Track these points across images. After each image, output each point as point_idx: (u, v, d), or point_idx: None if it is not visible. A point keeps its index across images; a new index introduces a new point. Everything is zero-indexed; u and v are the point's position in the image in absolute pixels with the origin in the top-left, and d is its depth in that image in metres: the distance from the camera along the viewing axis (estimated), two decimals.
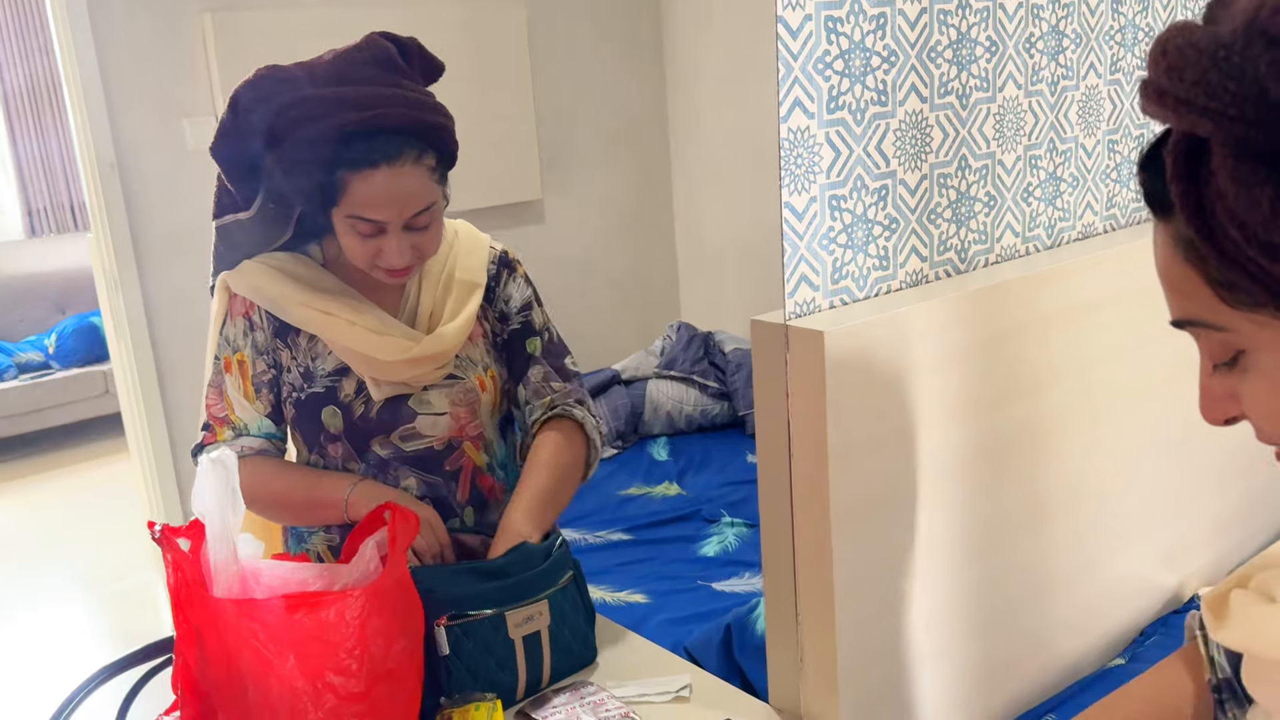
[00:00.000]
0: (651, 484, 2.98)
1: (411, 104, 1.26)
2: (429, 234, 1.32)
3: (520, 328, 1.48)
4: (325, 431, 1.38)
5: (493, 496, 1.47)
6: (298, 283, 1.36)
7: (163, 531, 1.14)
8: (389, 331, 1.36)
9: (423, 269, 1.42)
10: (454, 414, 1.41)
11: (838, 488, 1.15)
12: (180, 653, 1.13)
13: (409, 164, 1.25)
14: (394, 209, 1.26)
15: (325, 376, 1.38)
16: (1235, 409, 0.61)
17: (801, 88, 1.12)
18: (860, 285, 1.24)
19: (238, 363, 1.40)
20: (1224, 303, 0.54)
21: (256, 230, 1.38)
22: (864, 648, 1.22)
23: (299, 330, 1.37)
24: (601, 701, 1.24)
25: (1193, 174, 0.51)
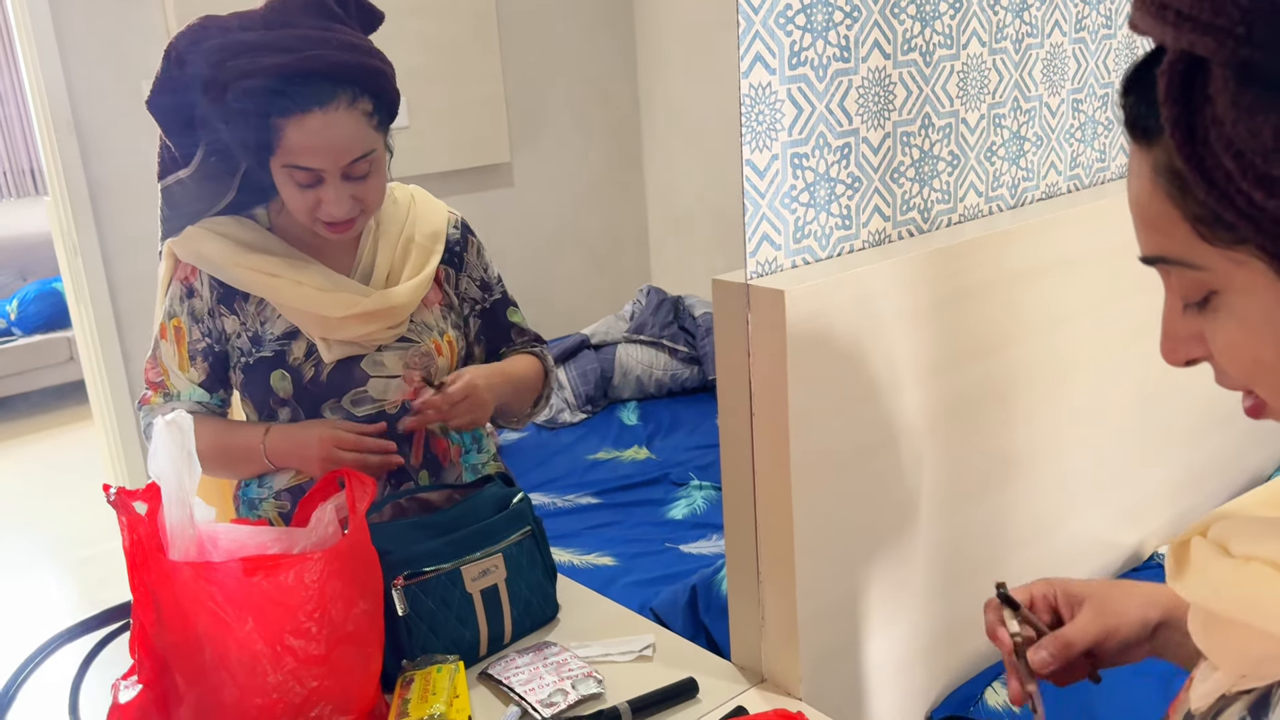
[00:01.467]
0: (621, 448, 2.99)
1: (344, 47, 1.24)
2: (369, 184, 1.29)
3: (501, 298, 1.53)
4: (274, 396, 1.37)
5: (447, 460, 1.47)
6: (242, 246, 1.34)
7: (118, 494, 1.12)
8: (337, 288, 1.34)
9: (379, 231, 1.40)
10: (407, 377, 1.40)
11: (799, 447, 1.15)
12: (137, 616, 1.12)
13: (343, 109, 1.23)
14: (329, 155, 1.24)
15: (274, 340, 1.36)
16: (1199, 351, 0.59)
17: (763, 42, 1.10)
18: (823, 244, 1.23)
19: (174, 329, 1.38)
20: (1202, 239, 0.52)
21: (199, 189, 1.35)
22: (824, 606, 1.23)
23: (247, 295, 1.36)
24: (565, 661, 1.24)
25: (1188, 97, 0.48)
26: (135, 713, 1.09)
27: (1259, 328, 0.53)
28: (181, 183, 1.35)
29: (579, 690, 1.18)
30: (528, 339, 1.57)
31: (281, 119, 1.22)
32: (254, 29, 1.23)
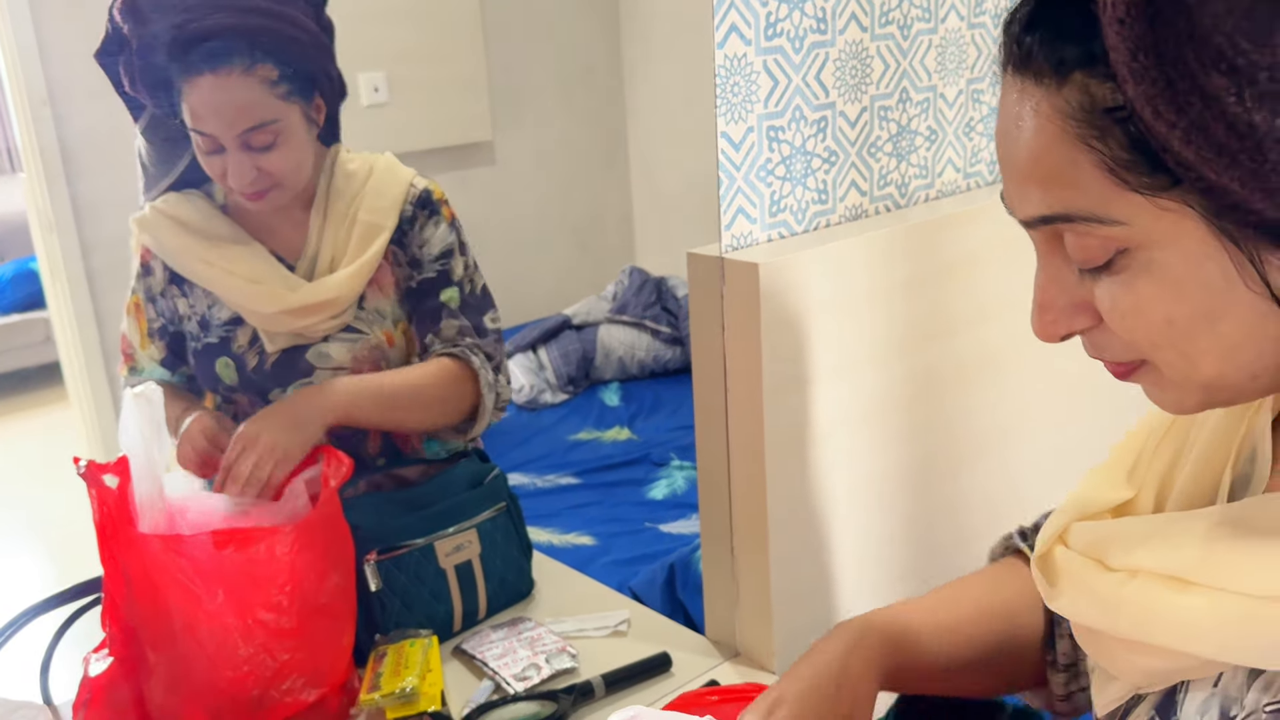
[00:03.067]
0: (602, 429, 2.98)
1: (249, 10, 1.19)
2: (274, 156, 1.23)
3: (435, 276, 1.35)
4: (222, 383, 1.34)
5: (408, 448, 1.41)
6: (185, 229, 1.32)
7: (88, 467, 1.11)
8: (264, 280, 1.29)
9: (327, 208, 1.33)
10: (355, 369, 1.32)
11: (773, 423, 1.15)
12: (108, 590, 1.11)
13: (236, 74, 1.18)
14: (220, 122, 1.19)
15: (220, 325, 1.34)
16: (1084, 322, 0.55)
17: (738, 12, 1.09)
18: (799, 219, 1.23)
19: (134, 305, 1.38)
20: (1125, 187, 0.48)
21: (157, 150, 1.33)
22: (797, 582, 1.23)
23: None
24: (539, 636, 1.24)
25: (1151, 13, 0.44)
26: (105, 685, 1.08)
27: (1180, 283, 0.50)
28: (143, 137, 1.34)
29: (553, 665, 1.18)
30: (459, 329, 1.35)
31: (181, 80, 1.20)
32: None
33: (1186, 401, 0.55)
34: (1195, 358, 0.52)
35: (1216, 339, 0.50)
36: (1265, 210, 0.46)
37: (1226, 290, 0.49)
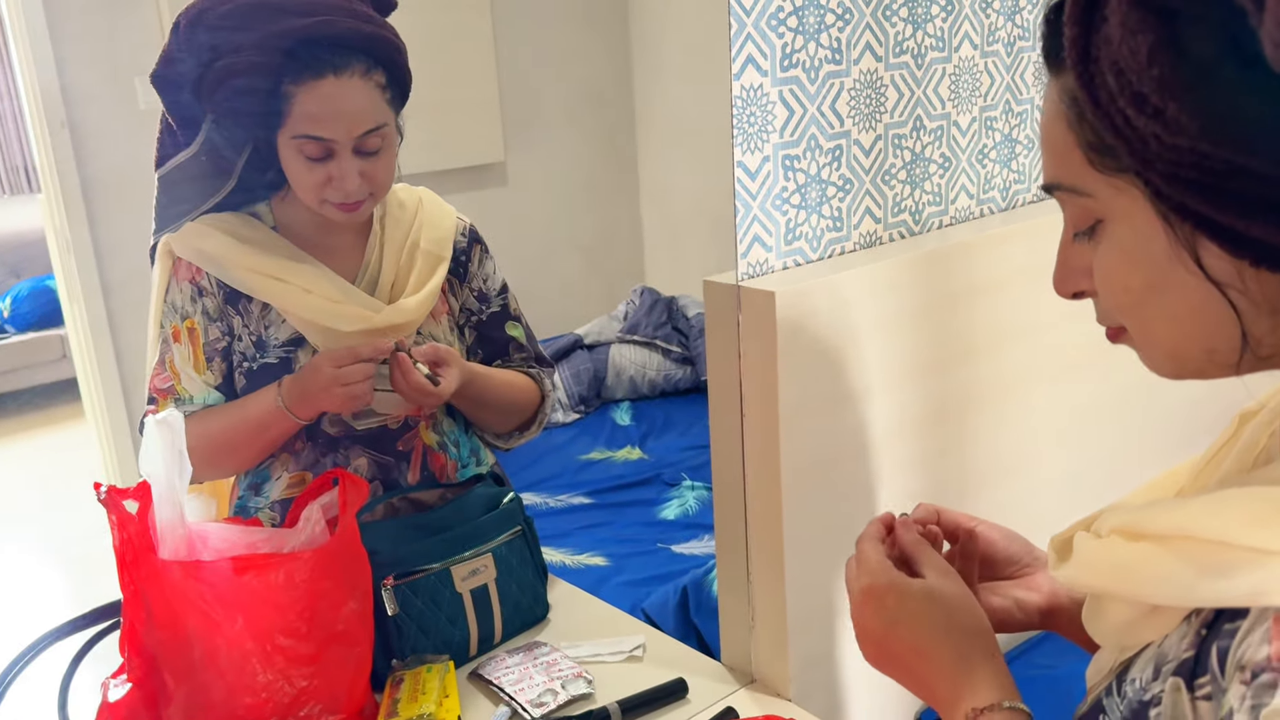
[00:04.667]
0: (613, 448, 2.99)
1: (359, 16, 1.21)
2: (380, 161, 1.25)
3: (500, 310, 1.46)
4: None
5: (444, 476, 1.42)
6: (246, 245, 1.29)
7: (108, 492, 1.12)
8: (347, 300, 1.30)
9: (384, 235, 1.36)
10: None
11: (789, 449, 1.15)
12: (127, 615, 1.12)
13: (357, 77, 1.20)
14: (342, 124, 1.20)
15: (279, 346, 1.31)
16: (1085, 283, 0.61)
17: (754, 44, 1.10)
18: (814, 246, 1.23)
19: (187, 330, 1.32)
20: (1091, 166, 0.55)
21: (199, 174, 1.30)
22: (814, 607, 1.23)
23: (250, 296, 1.30)
24: (555, 661, 1.24)
25: (1089, 19, 0.50)
26: (124, 711, 1.09)
27: (1132, 254, 0.56)
28: (181, 167, 1.30)
29: (569, 690, 1.18)
30: (527, 357, 1.49)
31: (294, 85, 1.18)
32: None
33: (1162, 367, 0.61)
34: (1150, 325, 0.58)
35: (1164, 310, 0.56)
36: (1187, 203, 0.50)
37: (1169, 267, 0.54)
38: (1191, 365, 0.58)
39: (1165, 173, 0.50)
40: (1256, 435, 0.64)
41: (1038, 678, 1.46)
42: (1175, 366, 0.60)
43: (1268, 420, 0.64)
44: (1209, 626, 0.53)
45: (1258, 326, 0.54)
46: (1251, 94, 0.45)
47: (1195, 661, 0.52)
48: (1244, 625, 0.50)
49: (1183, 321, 0.56)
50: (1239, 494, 0.52)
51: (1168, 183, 0.50)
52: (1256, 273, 0.52)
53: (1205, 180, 0.49)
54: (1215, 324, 0.54)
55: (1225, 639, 0.51)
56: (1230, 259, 0.52)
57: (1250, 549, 0.49)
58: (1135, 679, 0.58)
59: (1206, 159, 0.47)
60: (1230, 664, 0.50)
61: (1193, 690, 0.52)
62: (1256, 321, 0.54)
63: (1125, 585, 0.57)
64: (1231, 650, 0.50)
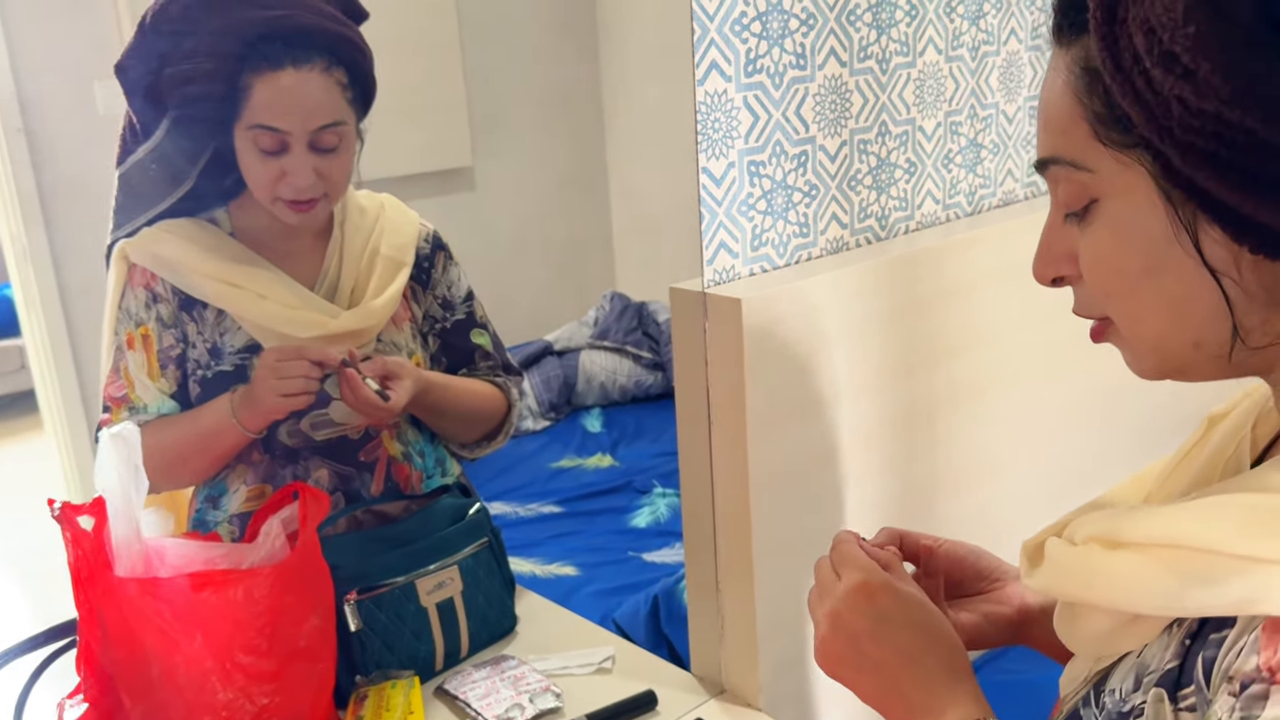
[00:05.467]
0: (584, 456, 2.97)
1: (324, 14, 1.21)
2: (337, 161, 1.25)
3: (464, 318, 1.45)
4: None
5: (408, 488, 1.39)
6: (202, 251, 1.27)
7: (62, 509, 1.10)
8: (304, 306, 1.28)
9: (344, 241, 1.35)
10: None
11: (757, 456, 1.14)
12: (83, 634, 1.09)
13: (318, 72, 1.20)
14: (298, 116, 1.20)
15: (234, 354, 1.29)
16: (1068, 269, 0.60)
17: (718, 50, 1.10)
18: (780, 252, 1.23)
19: (141, 337, 1.30)
20: (1096, 138, 0.53)
21: (158, 175, 1.29)
22: (783, 616, 1.23)
23: (205, 303, 1.29)
24: (522, 675, 1.22)
25: None
26: None
27: (1129, 233, 0.54)
28: (140, 164, 1.28)
29: (536, 704, 1.16)
30: (494, 365, 1.47)
31: (252, 75, 1.18)
32: None
33: (1143, 363, 0.59)
34: (1140, 313, 0.56)
35: (1158, 295, 0.55)
36: (1196, 178, 0.49)
37: (1165, 251, 0.53)
38: (1175, 360, 0.57)
39: (1182, 142, 0.48)
40: (1226, 440, 0.63)
41: (1008, 683, 1.46)
42: (1158, 361, 0.58)
43: (1238, 424, 0.63)
44: (1193, 636, 0.52)
45: (1249, 318, 0.53)
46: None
47: (1179, 672, 0.51)
48: (1231, 634, 0.49)
49: (1172, 310, 0.55)
50: (1225, 501, 0.51)
51: (1182, 154, 0.48)
52: (1254, 261, 0.51)
53: (1222, 153, 0.47)
54: (1205, 314, 0.53)
55: (1211, 649, 0.50)
56: (1229, 245, 0.51)
57: (1238, 556, 0.48)
58: (1115, 689, 0.57)
59: (1230, 129, 0.46)
60: (1217, 674, 0.49)
61: (1176, 701, 0.51)
62: (1248, 313, 0.53)
63: (1105, 594, 0.55)
64: (1218, 660, 0.49)
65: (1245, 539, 0.48)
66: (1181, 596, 0.50)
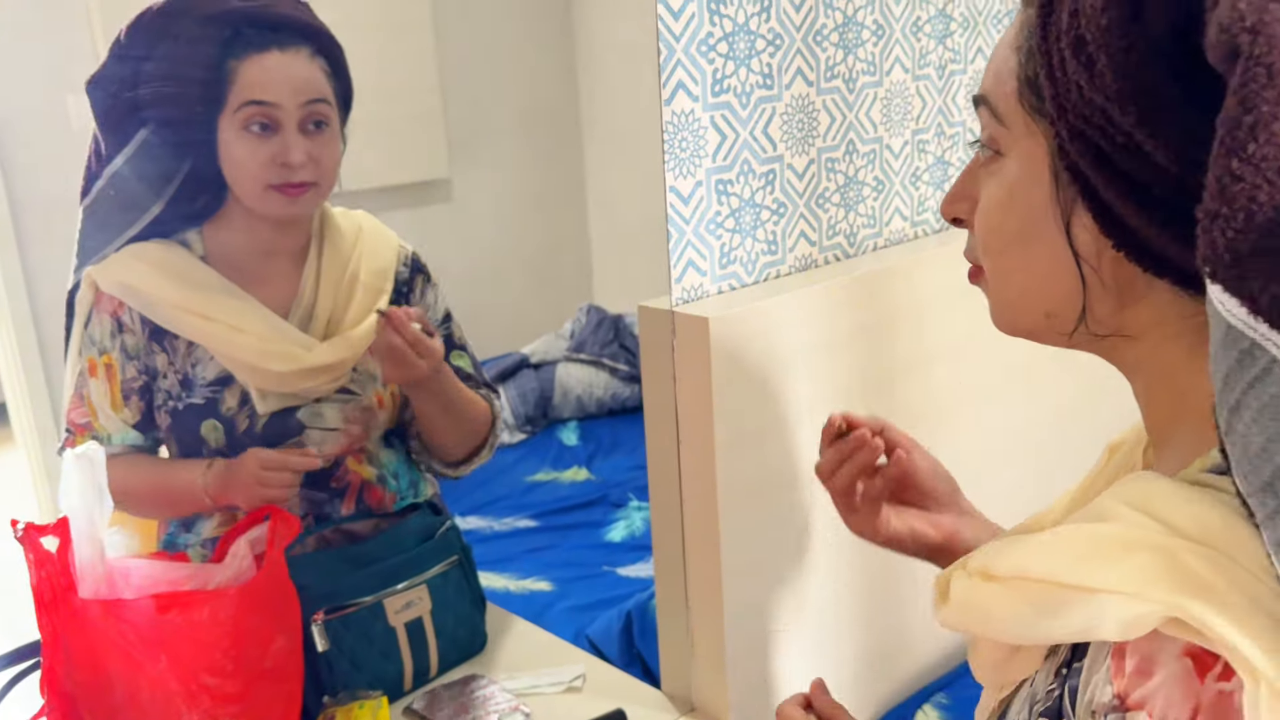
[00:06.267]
0: (560, 469, 2.96)
1: (303, 8, 1.23)
2: (327, 144, 1.23)
3: (443, 341, 1.36)
4: (206, 445, 1.27)
5: (380, 509, 1.37)
6: (173, 280, 1.23)
7: (25, 530, 1.09)
8: (279, 338, 1.25)
9: (321, 264, 1.31)
10: (346, 431, 1.32)
11: (725, 474, 1.15)
12: (46, 656, 1.08)
13: (303, 56, 1.21)
14: (286, 88, 1.19)
15: (205, 386, 1.26)
16: (967, 212, 0.63)
17: (685, 70, 1.10)
18: (749, 270, 1.23)
19: (104, 366, 1.27)
20: (1019, 99, 0.56)
21: (128, 198, 1.25)
22: (753, 633, 1.23)
23: (176, 333, 1.26)
24: (491, 695, 1.22)
25: None
26: None
27: (1015, 196, 0.57)
28: (109, 186, 1.25)
29: None
30: (475, 385, 1.43)
31: (237, 61, 1.18)
32: None
33: (999, 317, 0.63)
34: (1006, 272, 0.60)
35: (1025, 261, 0.58)
36: (1080, 164, 0.51)
37: (1041, 223, 0.56)
38: (1027, 322, 0.60)
39: (1073, 127, 0.50)
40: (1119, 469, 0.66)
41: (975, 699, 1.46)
42: (1012, 319, 0.61)
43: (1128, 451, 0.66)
44: (1067, 665, 0.54)
45: (1100, 306, 0.55)
46: (1178, 80, 0.44)
47: (1060, 701, 0.53)
48: (1086, 663, 0.51)
49: (1034, 278, 0.58)
50: (1066, 532, 0.53)
51: (1072, 138, 0.50)
52: (1115, 256, 0.53)
53: (1104, 147, 0.49)
54: (1062, 291, 0.56)
55: (1074, 678, 0.52)
56: (1097, 236, 0.53)
57: (1076, 586, 0.49)
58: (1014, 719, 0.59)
59: (1112, 125, 0.47)
60: (1081, 707, 0.50)
61: None
62: (1100, 301, 0.55)
63: (983, 626, 0.57)
64: (1080, 690, 0.51)
65: (1080, 569, 0.50)
66: (1034, 626, 0.52)
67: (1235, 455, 0.41)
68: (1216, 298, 0.39)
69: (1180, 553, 0.46)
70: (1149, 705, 0.46)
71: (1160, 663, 0.46)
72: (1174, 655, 0.46)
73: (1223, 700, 0.43)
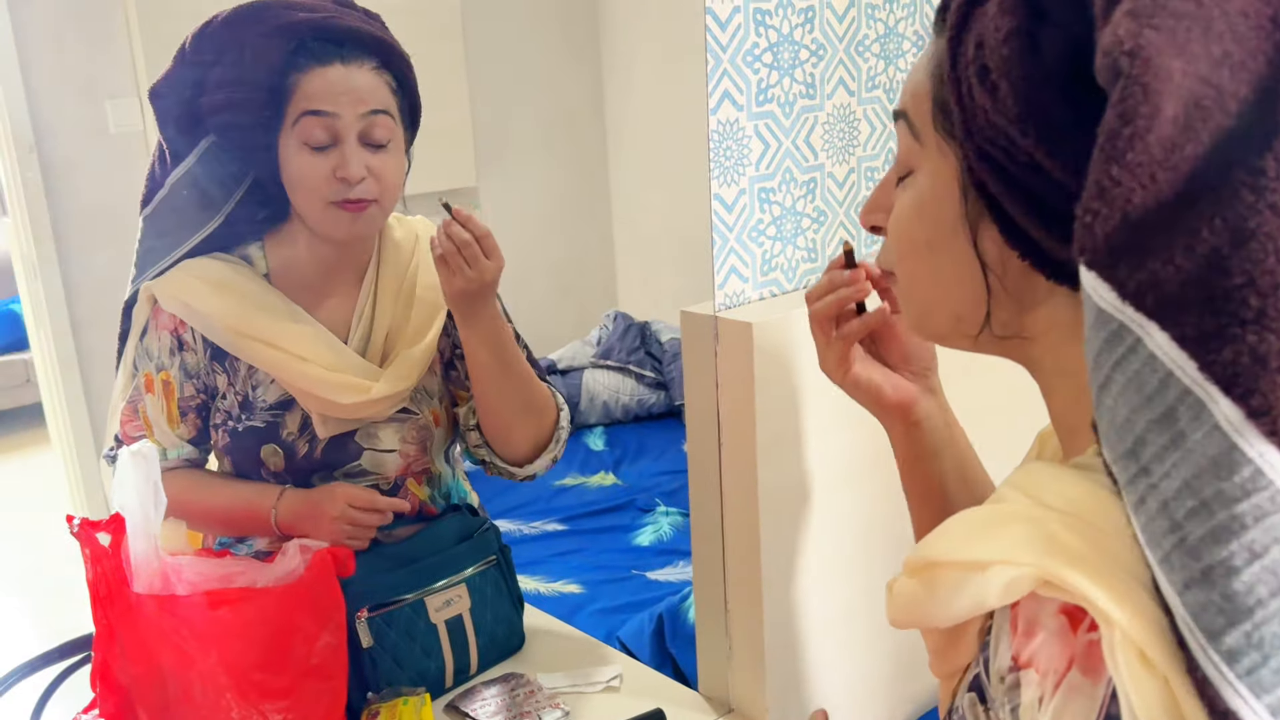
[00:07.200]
0: (587, 474, 2.98)
1: (372, 22, 1.21)
2: (389, 159, 1.20)
3: None
4: (265, 468, 1.26)
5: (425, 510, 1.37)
6: (235, 301, 1.20)
7: (81, 526, 1.11)
8: (344, 369, 1.22)
9: (379, 280, 1.28)
10: (403, 451, 1.30)
11: (766, 478, 1.16)
12: (99, 650, 1.11)
13: (368, 68, 1.18)
14: (347, 99, 1.15)
15: (266, 410, 1.24)
16: (882, 219, 0.67)
17: (730, 80, 1.12)
18: (789, 277, 1.25)
19: (162, 383, 1.25)
20: (932, 120, 0.59)
21: (193, 199, 1.22)
22: (791, 635, 1.24)
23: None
24: (531, 693, 1.24)
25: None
26: None
27: (926, 209, 0.60)
28: (172, 193, 1.23)
29: None
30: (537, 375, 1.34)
31: (299, 74, 1.15)
32: None
33: (911, 322, 0.66)
34: (914, 279, 0.63)
35: (933, 269, 0.61)
36: (986, 181, 0.54)
37: (950, 234, 0.59)
38: (937, 327, 0.64)
39: (979, 148, 0.53)
40: (1051, 457, 0.70)
41: None
42: (922, 323, 0.65)
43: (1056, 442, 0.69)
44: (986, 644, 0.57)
45: (1002, 311, 0.59)
46: (1072, 104, 0.48)
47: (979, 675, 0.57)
48: (993, 636, 0.55)
49: (942, 285, 0.61)
50: (962, 516, 0.56)
51: (979, 158, 0.54)
52: (1020, 265, 0.56)
53: (1007, 166, 0.52)
54: (968, 297, 0.60)
55: (985, 650, 0.56)
56: (1001, 246, 0.56)
57: (964, 563, 0.53)
58: (958, 706, 0.61)
59: (1014, 146, 0.51)
60: (993, 675, 0.54)
61: (985, 704, 0.56)
62: (1003, 306, 0.59)
63: (913, 618, 0.60)
64: (990, 661, 0.55)
65: (969, 545, 0.53)
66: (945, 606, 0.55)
67: (1103, 428, 0.44)
68: (1089, 284, 0.43)
69: (1049, 522, 0.50)
70: (1035, 662, 0.50)
71: (1041, 622, 0.50)
72: (1051, 614, 0.50)
73: (1092, 649, 0.47)
